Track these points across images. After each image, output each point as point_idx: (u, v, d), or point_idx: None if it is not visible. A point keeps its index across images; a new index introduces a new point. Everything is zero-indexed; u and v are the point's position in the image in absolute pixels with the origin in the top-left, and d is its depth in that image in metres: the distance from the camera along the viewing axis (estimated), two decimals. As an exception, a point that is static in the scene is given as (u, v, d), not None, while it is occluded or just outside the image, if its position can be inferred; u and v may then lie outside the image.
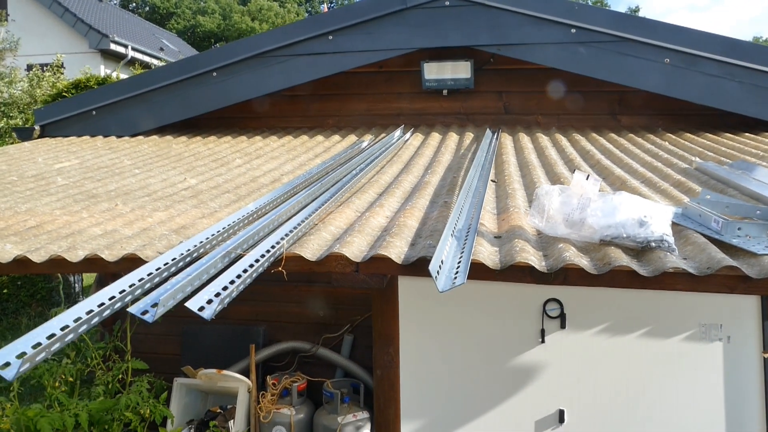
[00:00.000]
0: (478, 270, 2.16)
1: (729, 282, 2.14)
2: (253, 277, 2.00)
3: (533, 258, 2.22)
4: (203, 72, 5.71)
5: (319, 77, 5.63)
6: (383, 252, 2.22)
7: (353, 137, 5.46)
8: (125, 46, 20.49)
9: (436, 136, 5.34)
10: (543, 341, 3.71)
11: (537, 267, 2.17)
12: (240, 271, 1.98)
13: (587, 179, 2.54)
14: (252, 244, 2.33)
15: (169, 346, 5.59)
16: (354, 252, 2.28)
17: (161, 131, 6.05)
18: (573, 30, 5.12)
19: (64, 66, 15.07)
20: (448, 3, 5.38)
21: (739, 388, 3.52)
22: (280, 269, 2.20)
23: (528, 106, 5.73)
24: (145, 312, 1.68)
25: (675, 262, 2.13)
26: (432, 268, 1.94)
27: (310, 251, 2.29)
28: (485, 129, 5.41)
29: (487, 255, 2.26)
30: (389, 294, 2.80)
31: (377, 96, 5.99)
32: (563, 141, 4.88)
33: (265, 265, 2.12)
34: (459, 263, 2.08)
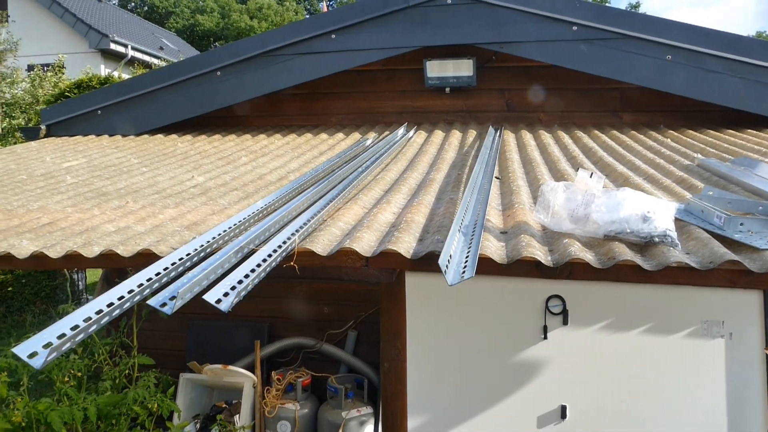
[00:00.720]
0: (485, 264, 2.20)
1: (731, 276, 2.19)
2: (267, 271, 2.05)
3: (539, 253, 2.26)
4: (208, 71, 5.75)
5: (323, 75, 5.67)
6: (392, 247, 2.27)
7: (357, 135, 5.50)
8: (125, 45, 20.54)
9: (439, 133, 5.38)
10: (545, 337, 3.73)
11: (543, 261, 2.21)
12: (254, 266, 2.03)
13: (591, 176, 2.59)
14: (264, 239, 2.38)
15: (175, 342, 5.64)
16: (364, 247, 2.33)
17: (166, 130, 6.10)
18: (574, 27, 5.15)
19: (64, 66, 15.11)
20: (450, 1, 5.41)
21: (742, 385, 3.52)
22: (292, 264, 2.25)
23: (530, 103, 5.77)
24: (164, 304, 1.73)
25: (678, 256, 2.18)
26: (441, 262, 1.99)
27: (320, 246, 2.34)
28: (488, 126, 5.46)
29: (494, 250, 2.31)
30: (397, 289, 2.85)
31: (380, 94, 6.03)
32: (566, 138, 4.92)
33: (278, 260, 2.17)
34: (467, 258, 2.12)
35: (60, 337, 1.51)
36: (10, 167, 4.55)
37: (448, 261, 2.04)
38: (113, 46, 20.09)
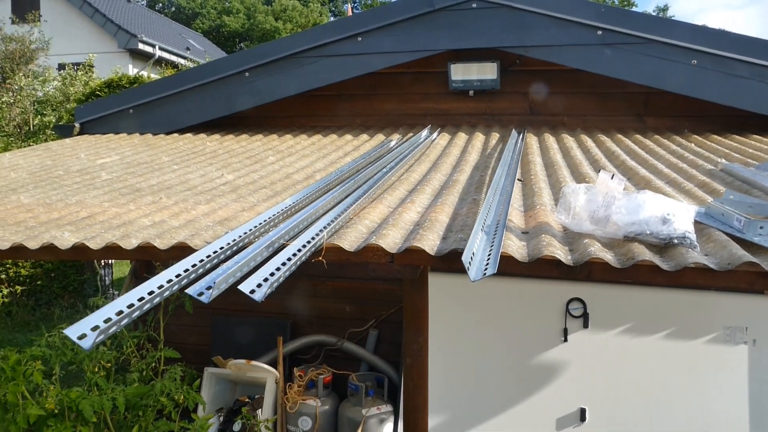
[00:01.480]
0: (507, 262, 2.27)
1: (749, 278, 2.22)
2: (297, 265, 2.15)
3: (560, 252, 2.32)
4: (236, 72, 5.88)
5: (348, 78, 5.76)
6: (417, 244, 2.35)
7: (381, 136, 5.59)
8: (153, 45, 20.91)
9: (462, 136, 5.44)
10: (566, 340, 3.76)
11: (563, 260, 2.27)
12: (284, 260, 2.13)
13: (612, 178, 2.64)
14: (293, 235, 2.48)
15: (199, 336, 5.78)
16: (389, 243, 2.41)
17: (195, 129, 6.24)
18: (599, 32, 5.17)
19: (93, 65, 15.45)
20: (475, 5, 5.47)
21: (765, 392, 3.48)
22: (320, 259, 2.34)
23: (554, 107, 5.79)
24: (201, 294, 1.83)
25: (696, 257, 2.22)
26: (465, 258, 2.06)
27: (348, 242, 2.43)
28: (511, 129, 5.50)
29: (516, 248, 2.37)
30: (420, 285, 2.93)
31: (404, 96, 6.11)
32: (588, 142, 4.95)
33: (307, 255, 2.26)
34: (489, 255, 2.20)
35: (106, 321, 1.62)
36: (46, 163, 4.72)
37: (471, 258, 2.11)
38: (141, 46, 20.47)
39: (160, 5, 40.92)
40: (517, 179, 3.76)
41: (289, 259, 2.13)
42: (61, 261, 9.08)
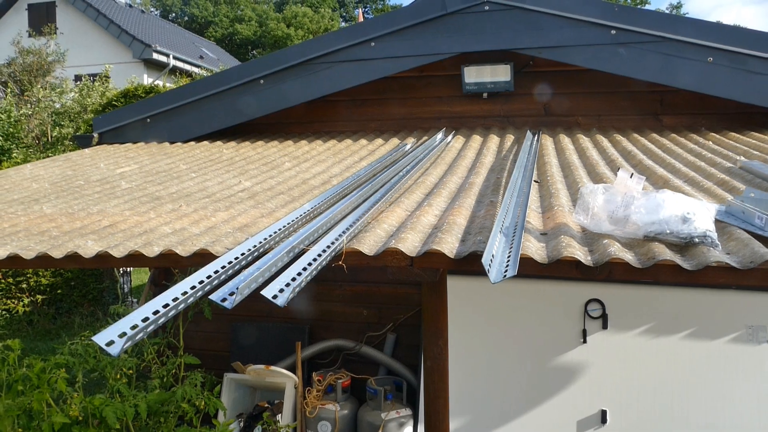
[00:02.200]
0: (526, 264, 2.27)
1: (772, 276, 2.20)
2: (318, 270, 2.17)
3: (579, 253, 2.31)
4: (251, 80, 5.93)
5: (362, 83, 5.78)
6: (436, 247, 2.36)
7: (396, 140, 5.60)
8: (167, 55, 21.17)
9: (477, 138, 5.44)
10: (585, 341, 3.74)
11: (583, 261, 2.26)
12: (305, 264, 2.15)
13: (631, 178, 2.63)
14: (313, 240, 2.50)
15: (218, 343, 5.82)
16: (408, 247, 2.42)
17: (211, 137, 6.30)
18: (613, 31, 5.15)
19: (109, 76, 15.67)
20: (487, 8, 5.47)
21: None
22: (340, 263, 2.36)
23: (568, 107, 5.77)
24: (224, 299, 1.86)
25: (718, 256, 2.20)
26: (485, 261, 2.07)
27: (367, 247, 2.44)
28: (525, 131, 5.49)
29: (535, 250, 2.37)
30: (439, 288, 2.93)
31: (418, 100, 6.12)
32: (604, 142, 4.92)
33: (327, 259, 2.28)
34: (509, 257, 2.20)
35: (133, 328, 1.64)
36: (67, 173, 4.80)
37: (491, 260, 2.12)
38: (156, 55, 20.73)
39: (173, 15, 41.42)
40: (534, 180, 3.76)
41: (310, 264, 2.15)
42: (81, 270, 9.20)
